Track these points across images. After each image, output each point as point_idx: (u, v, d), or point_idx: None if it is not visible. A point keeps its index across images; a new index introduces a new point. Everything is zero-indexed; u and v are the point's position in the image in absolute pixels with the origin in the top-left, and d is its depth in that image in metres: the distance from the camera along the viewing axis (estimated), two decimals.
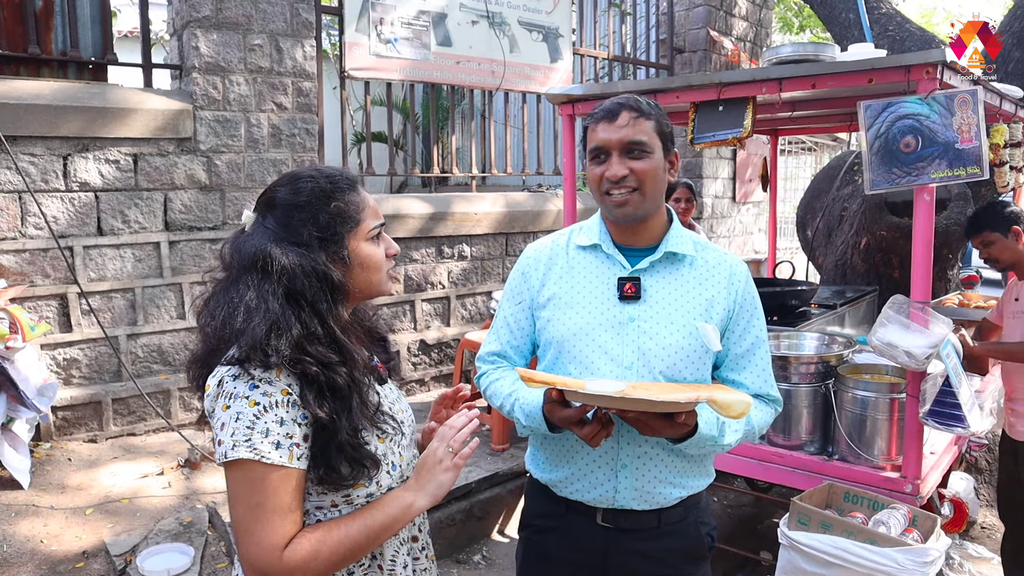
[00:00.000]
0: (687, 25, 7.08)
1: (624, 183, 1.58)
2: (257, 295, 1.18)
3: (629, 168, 1.57)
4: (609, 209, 1.63)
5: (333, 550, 1.18)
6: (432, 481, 1.28)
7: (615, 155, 1.59)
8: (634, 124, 1.58)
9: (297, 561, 1.14)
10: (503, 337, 1.76)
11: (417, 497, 1.27)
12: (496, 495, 3.70)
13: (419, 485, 1.28)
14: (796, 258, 8.36)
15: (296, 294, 1.20)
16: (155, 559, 2.84)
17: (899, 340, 2.47)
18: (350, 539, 1.20)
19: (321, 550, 1.17)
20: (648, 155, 1.58)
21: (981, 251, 3.09)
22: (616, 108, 1.60)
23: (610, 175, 1.58)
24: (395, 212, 4.83)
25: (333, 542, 1.18)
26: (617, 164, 1.58)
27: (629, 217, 1.61)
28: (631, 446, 1.60)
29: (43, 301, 3.72)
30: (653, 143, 1.59)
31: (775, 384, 1.72)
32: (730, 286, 1.65)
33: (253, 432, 1.14)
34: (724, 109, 2.79)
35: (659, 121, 1.61)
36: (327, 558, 1.17)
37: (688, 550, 1.69)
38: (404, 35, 4.98)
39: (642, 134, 1.58)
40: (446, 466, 1.29)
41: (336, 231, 1.26)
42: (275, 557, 1.14)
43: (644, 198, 1.59)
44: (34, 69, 3.86)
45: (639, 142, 1.58)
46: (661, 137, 1.61)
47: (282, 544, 1.14)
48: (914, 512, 2.43)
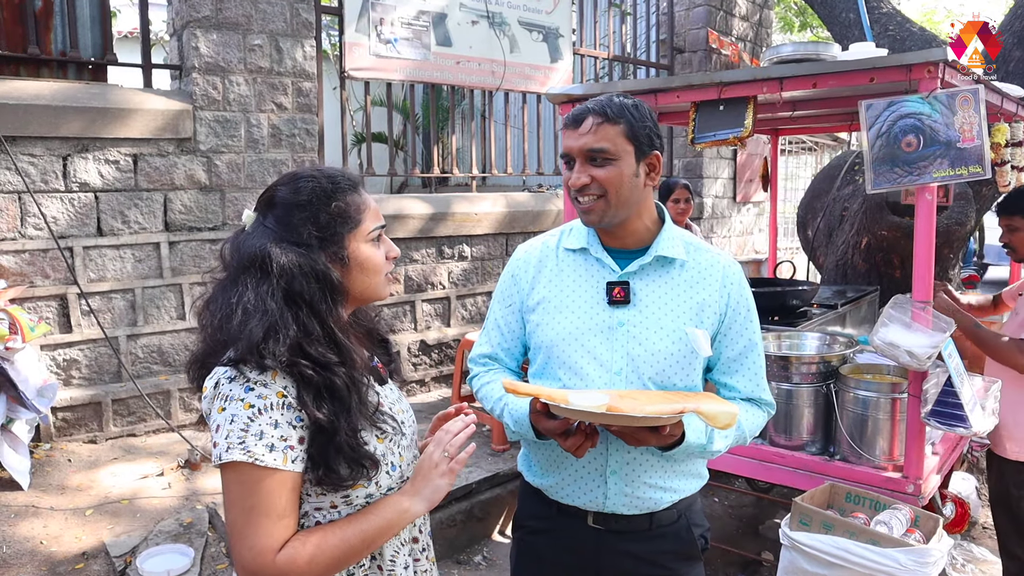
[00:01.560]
0: (687, 25, 7.08)
1: (587, 191, 1.55)
2: (255, 296, 1.17)
3: (591, 176, 1.54)
4: (579, 215, 1.62)
5: (327, 554, 1.17)
6: (428, 486, 1.27)
7: (578, 163, 1.57)
8: (596, 131, 1.53)
9: (290, 565, 1.14)
10: (494, 339, 1.76)
11: (413, 502, 1.26)
12: (497, 496, 3.70)
13: (415, 490, 1.27)
14: (796, 258, 8.36)
15: (295, 294, 1.19)
16: (155, 560, 2.84)
17: (901, 340, 2.47)
18: (345, 543, 1.19)
19: (315, 554, 1.16)
20: (611, 162, 1.54)
21: (1003, 234, 2.95)
22: (581, 114, 1.56)
23: (572, 183, 1.57)
24: (395, 212, 4.82)
25: (327, 547, 1.17)
26: (579, 171, 1.56)
27: (597, 223, 1.60)
28: (619, 452, 1.59)
29: (43, 302, 3.72)
30: (619, 149, 1.54)
31: (768, 388, 1.71)
32: (722, 289, 1.63)
33: (247, 435, 1.13)
34: (725, 109, 2.78)
35: (632, 125, 1.54)
36: (321, 562, 1.17)
37: (680, 551, 1.68)
38: (404, 35, 4.97)
39: (604, 141, 1.53)
40: (442, 471, 1.28)
41: (336, 231, 1.25)
42: (268, 560, 1.13)
43: (609, 205, 1.56)
44: (34, 69, 3.86)
45: (600, 149, 1.53)
46: (633, 141, 1.55)
47: (275, 547, 1.14)
48: (916, 512, 2.43)
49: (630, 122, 1.55)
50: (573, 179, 1.57)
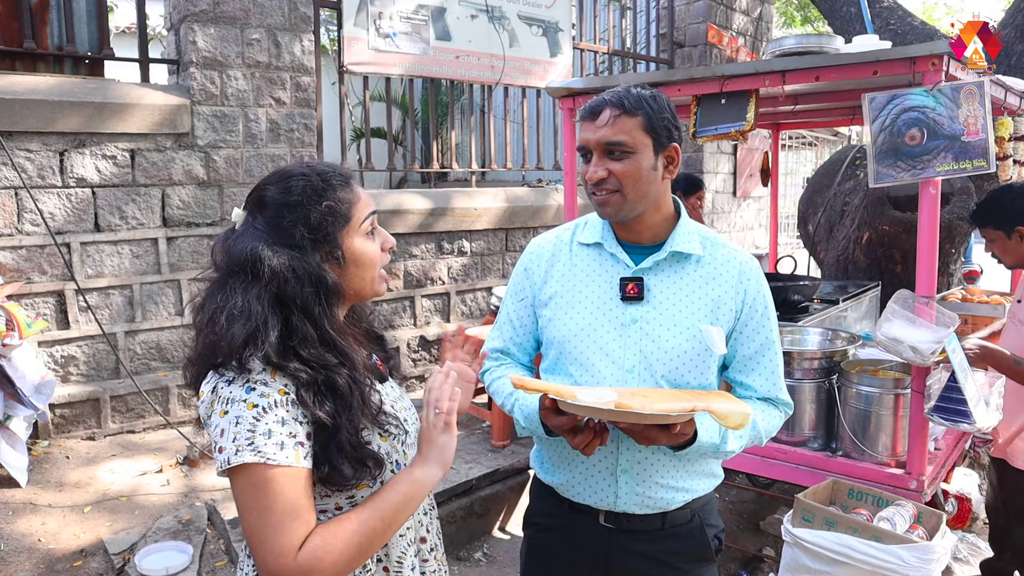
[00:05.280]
0: (687, 19, 7.05)
1: (604, 184, 1.53)
2: (243, 299, 1.14)
3: (608, 169, 1.52)
4: (595, 207, 1.59)
5: (347, 541, 1.13)
6: (432, 448, 1.23)
7: (595, 156, 1.54)
8: (614, 123, 1.50)
9: (313, 560, 1.10)
10: (506, 334, 1.73)
11: (425, 469, 1.22)
12: (497, 492, 3.68)
13: (423, 458, 1.23)
14: (796, 254, 8.35)
15: (286, 298, 1.16)
16: (154, 557, 2.83)
17: (904, 335, 2.45)
18: (365, 526, 1.15)
19: (336, 545, 1.12)
20: (629, 155, 1.51)
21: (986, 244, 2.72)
22: (599, 106, 1.53)
23: (589, 177, 1.54)
24: (395, 208, 4.80)
25: (348, 534, 1.14)
26: (596, 165, 1.53)
27: (613, 217, 1.57)
28: (631, 451, 1.57)
29: (40, 298, 3.70)
30: (637, 142, 1.51)
31: (785, 387, 1.66)
32: (739, 285, 1.59)
33: (255, 435, 1.10)
34: (727, 102, 2.76)
35: (649, 117, 1.51)
36: (343, 551, 1.13)
37: (693, 552, 1.65)
38: (403, 29, 4.94)
39: (622, 134, 1.50)
40: (440, 428, 1.24)
41: (328, 231, 1.21)
42: (290, 560, 1.09)
43: (626, 199, 1.53)
44: (30, 64, 3.83)
45: (618, 142, 1.50)
46: (651, 133, 1.52)
47: (296, 546, 1.10)
48: (919, 509, 2.42)
49: (648, 114, 1.52)
50: (590, 172, 1.54)
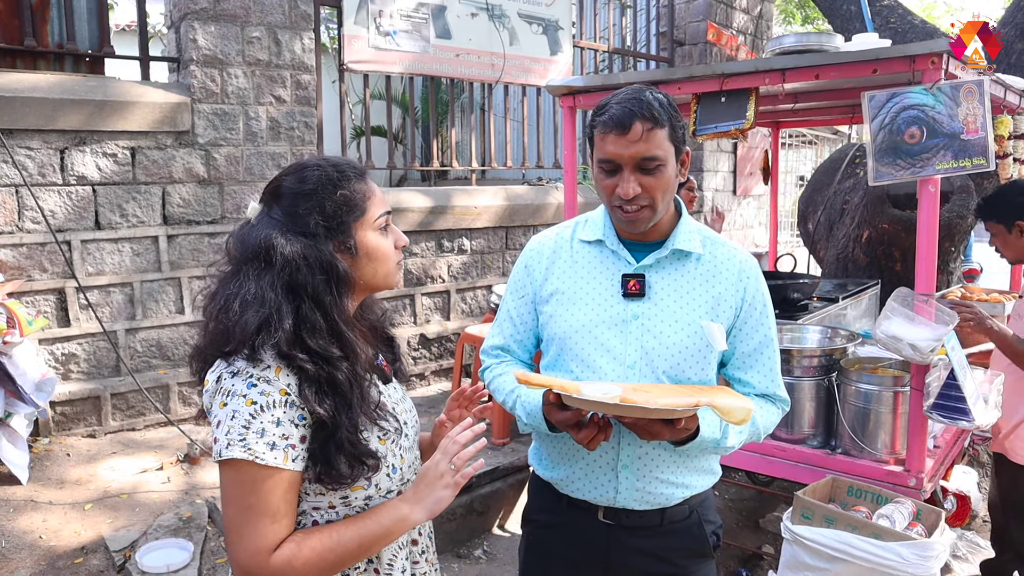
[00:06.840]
0: (687, 18, 7.05)
1: (636, 201, 1.49)
2: (256, 286, 1.15)
3: (642, 185, 1.48)
4: (619, 221, 1.57)
5: (322, 556, 1.15)
6: (431, 496, 1.24)
7: (627, 171, 1.48)
8: (648, 137, 1.45)
9: (284, 566, 1.12)
10: (506, 331, 1.74)
11: (413, 510, 1.23)
12: (496, 489, 3.69)
13: (417, 498, 1.24)
14: (796, 252, 8.35)
15: (298, 286, 1.17)
16: (154, 554, 2.83)
17: (904, 333, 2.46)
18: (341, 547, 1.17)
19: (310, 556, 1.14)
20: (662, 168, 1.48)
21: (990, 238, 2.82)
22: (628, 118, 1.45)
23: (622, 193, 1.48)
24: (395, 206, 4.81)
25: (323, 549, 1.15)
26: (630, 182, 1.47)
27: (639, 230, 1.56)
28: (631, 447, 1.58)
29: (41, 296, 3.70)
30: (667, 153, 1.48)
31: (782, 384, 1.68)
32: (738, 283, 1.61)
33: (248, 432, 1.11)
34: (727, 100, 2.77)
35: (672, 124, 1.49)
36: (316, 564, 1.15)
37: (691, 548, 1.66)
38: (403, 28, 4.94)
39: (656, 148, 1.46)
40: (446, 482, 1.24)
41: (343, 220, 1.23)
42: (263, 560, 1.12)
43: (655, 212, 1.52)
44: (30, 62, 3.83)
45: (653, 157, 1.46)
46: (675, 142, 1.50)
47: (271, 547, 1.12)
48: (918, 506, 2.42)
49: (671, 123, 1.49)
50: (622, 188, 1.48)
